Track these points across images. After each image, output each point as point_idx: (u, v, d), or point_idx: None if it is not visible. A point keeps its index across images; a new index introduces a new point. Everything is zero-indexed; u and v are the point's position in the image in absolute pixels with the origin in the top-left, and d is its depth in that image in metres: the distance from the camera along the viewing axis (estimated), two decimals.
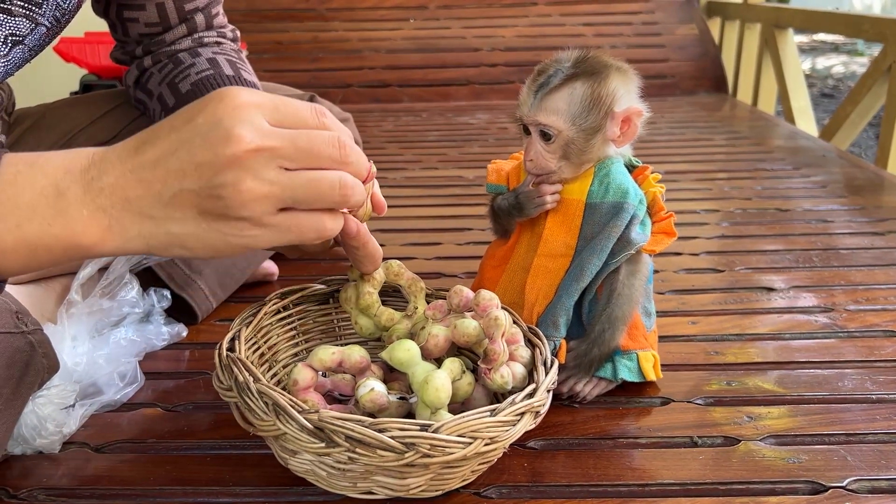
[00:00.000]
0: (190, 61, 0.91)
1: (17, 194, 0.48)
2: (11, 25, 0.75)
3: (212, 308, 0.97)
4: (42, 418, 0.68)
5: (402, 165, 1.83)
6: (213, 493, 0.64)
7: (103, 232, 0.49)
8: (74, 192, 0.49)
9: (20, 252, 0.48)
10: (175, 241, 0.50)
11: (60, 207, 0.48)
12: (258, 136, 0.49)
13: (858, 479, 0.65)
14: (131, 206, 0.49)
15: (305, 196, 0.51)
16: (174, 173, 0.49)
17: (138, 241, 0.50)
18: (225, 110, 0.49)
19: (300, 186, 0.50)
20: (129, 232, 0.50)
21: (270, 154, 0.49)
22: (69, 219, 0.48)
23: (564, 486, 0.65)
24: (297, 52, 2.87)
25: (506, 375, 0.64)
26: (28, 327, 0.64)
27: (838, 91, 5.41)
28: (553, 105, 0.71)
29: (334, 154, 0.52)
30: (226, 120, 0.48)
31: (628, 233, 0.72)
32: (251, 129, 0.49)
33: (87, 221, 0.49)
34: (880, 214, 1.40)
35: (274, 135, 0.49)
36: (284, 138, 0.50)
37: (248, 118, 0.49)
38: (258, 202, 0.49)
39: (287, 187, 0.50)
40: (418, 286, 0.73)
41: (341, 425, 0.54)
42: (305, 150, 0.50)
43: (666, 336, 0.90)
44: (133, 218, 0.49)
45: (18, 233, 0.48)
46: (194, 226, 0.49)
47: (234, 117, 0.49)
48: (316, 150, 0.51)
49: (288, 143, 0.50)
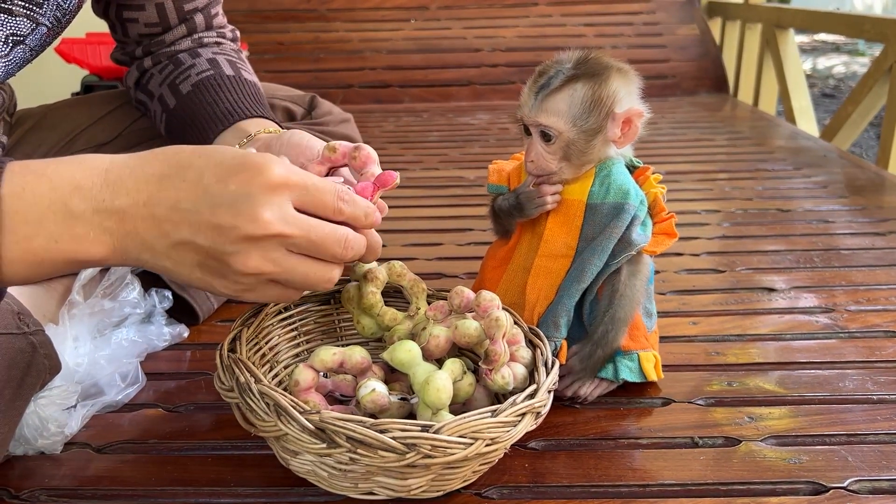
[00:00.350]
0: (190, 62, 0.91)
1: (25, 208, 0.49)
2: (12, 25, 0.75)
3: (213, 309, 0.97)
4: (44, 419, 0.68)
5: (403, 166, 1.83)
6: (215, 494, 0.64)
7: (106, 252, 0.52)
8: (83, 210, 0.50)
9: (25, 263, 0.50)
10: (168, 274, 0.55)
11: (68, 225, 0.50)
12: (280, 224, 0.52)
13: (859, 480, 0.65)
14: (137, 237, 0.52)
15: (296, 283, 0.56)
16: (189, 225, 0.51)
17: (139, 263, 0.54)
18: (259, 187, 0.52)
19: (296, 276, 0.55)
20: (129, 256, 0.52)
21: (284, 240, 0.53)
22: (75, 236, 0.50)
23: (565, 486, 0.65)
24: (298, 53, 2.87)
25: (507, 376, 0.64)
26: (30, 328, 0.64)
27: (839, 91, 5.40)
28: (554, 106, 0.71)
29: (338, 253, 0.56)
30: (257, 197, 0.51)
31: (629, 234, 0.72)
32: (278, 215, 0.52)
33: (93, 241, 0.51)
34: (881, 215, 1.40)
35: (294, 224, 0.53)
36: (302, 229, 0.53)
37: (277, 202, 0.52)
38: (256, 276, 0.53)
39: (286, 272, 0.54)
40: (420, 287, 0.74)
41: (342, 426, 0.54)
42: (315, 244, 0.54)
43: (667, 336, 0.90)
44: (136, 246, 0.52)
45: (25, 245, 0.49)
46: (189, 272, 0.53)
47: (265, 198, 0.52)
48: (323, 247, 0.55)
49: (304, 234, 0.54)
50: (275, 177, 0.52)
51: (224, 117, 0.85)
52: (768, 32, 2.75)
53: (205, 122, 0.85)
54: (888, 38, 1.99)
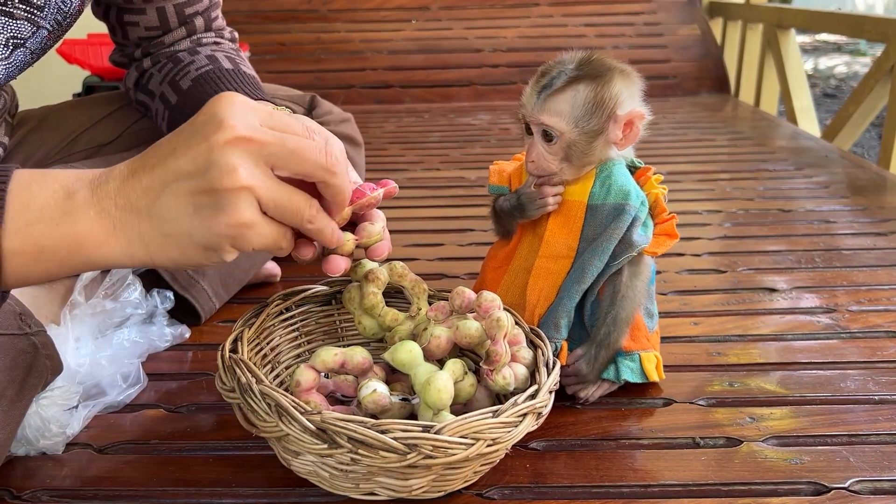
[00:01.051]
0: (189, 59, 0.92)
1: (29, 198, 0.49)
2: (13, 28, 0.76)
3: (214, 309, 0.97)
4: (45, 419, 0.68)
5: (404, 166, 1.83)
6: (216, 494, 0.64)
7: (107, 234, 0.50)
8: (83, 194, 0.50)
9: (27, 254, 0.49)
10: (169, 241, 0.51)
11: (68, 208, 0.50)
12: (249, 129, 0.50)
13: (861, 480, 0.65)
14: (132, 207, 0.51)
15: (283, 205, 0.52)
16: (172, 171, 0.50)
17: (139, 245, 0.51)
18: (221, 106, 0.51)
19: (283, 193, 0.52)
20: (130, 233, 0.51)
21: (260, 147, 0.50)
22: (75, 218, 0.50)
23: (566, 486, 0.65)
24: (299, 54, 2.88)
25: (508, 376, 0.64)
26: (31, 329, 0.64)
27: (841, 91, 5.40)
28: (556, 107, 0.71)
29: (321, 160, 0.53)
30: (220, 112, 0.51)
31: (630, 235, 0.72)
32: (243, 121, 0.50)
33: (93, 222, 0.50)
34: (883, 215, 1.40)
35: (265, 131, 0.51)
36: (275, 136, 0.51)
37: (241, 113, 0.51)
38: (248, 192, 0.50)
39: (272, 189, 0.51)
40: (421, 287, 0.74)
41: (344, 426, 0.54)
42: (293, 151, 0.52)
43: (668, 337, 0.90)
44: (133, 219, 0.51)
45: (26, 232, 0.49)
46: (188, 223, 0.50)
47: (229, 111, 0.51)
48: (303, 153, 0.52)
49: (278, 141, 0.51)
50: (237, 98, 0.52)
51: None
52: (769, 32, 2.75)
53: None
54: (889, 39, 1.99)
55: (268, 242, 0.53)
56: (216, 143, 0.49)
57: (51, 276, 0.52)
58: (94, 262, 0.52)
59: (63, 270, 0.52)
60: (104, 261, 0.52)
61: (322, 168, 0.53)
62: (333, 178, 0.54)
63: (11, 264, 0.49)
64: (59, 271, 0.52)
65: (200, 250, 0.52)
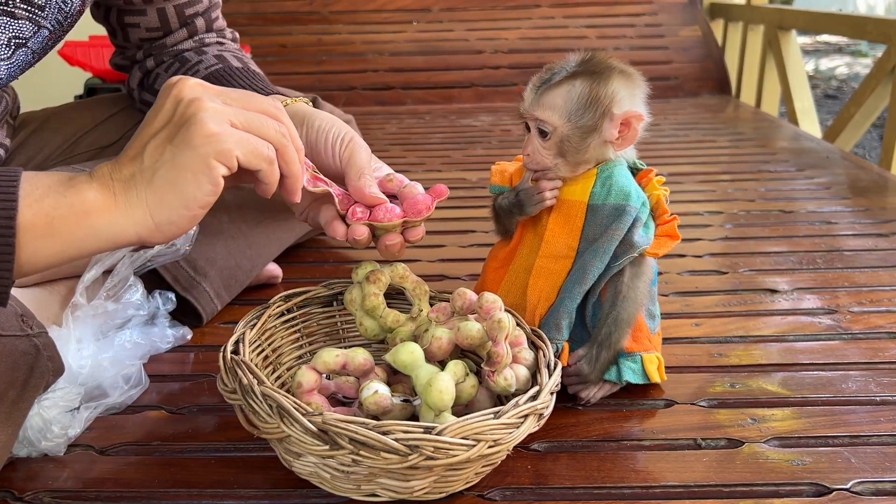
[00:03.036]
0: (196, 59, 0.92)
1: (37, 180, 0.54)
2: (15, 28, 0.76)
3: (216, 310, 0.97)
4: (47, 421, 0.68)
5: (406, 168, 1.83)
6: (218, 496, 0.64)
7: (110, 201, 0.54)
8: (83, 176, 0.55)
9: (38, 226, 0.52)
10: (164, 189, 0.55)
11: (72, 184, 0.54)
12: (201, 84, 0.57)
13: (863, 482, 0.65)
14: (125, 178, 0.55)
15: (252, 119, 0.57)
16: (147, 133, 0.56)
17: (139, 206, 0.55)
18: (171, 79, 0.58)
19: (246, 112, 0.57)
20: (130, 197, 0.54)
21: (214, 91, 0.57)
22: (80, 190, 0.54)
23: (568, 488, 0.65)
24: (300, 55, 2.88)
25: (509, 378, 0.64)
26: (33, 330, 0.65)
27: (842, 92, 5.40)
28: (551, 101, 0.71)
29: (267, 103, 0.59)
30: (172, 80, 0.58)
31: (631, 236, 0.72)
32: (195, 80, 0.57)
33: (96, 193, 0.54)
34: (884, 216, 1.40)
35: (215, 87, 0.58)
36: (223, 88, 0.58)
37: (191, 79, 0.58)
38: (214, 110, 0.55)
39: (238, 112, 0.57)
40: (422, 289, 0.74)
41: (345, 428, 0.54)
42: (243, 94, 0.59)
43: (670, 338, 0.90)
44: (128, 185, 0.55)
45: (37, 206, 0.52)
46: (171, 155, 0.55)
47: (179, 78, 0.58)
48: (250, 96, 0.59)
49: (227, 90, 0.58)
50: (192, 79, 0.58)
51: None
52: (770, 34, 2.75)
53: None
54: (891, 39, 1.99)
55: (248, 148, 0.56)
56: (177, 91, 0.56)
57: (62, 255, 0.54)
58: (101, 232, 0.54)
59: (72, 246, 0.54)
60: (110, 230, 0.54)
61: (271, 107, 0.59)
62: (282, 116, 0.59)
63: (25, 239, 0.51)
64: (68, 247, 0.54)
65: (190, 177, 0.54)
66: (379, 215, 0.67)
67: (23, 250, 0.52)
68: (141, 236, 0.55)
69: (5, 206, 0.51)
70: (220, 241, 0.97)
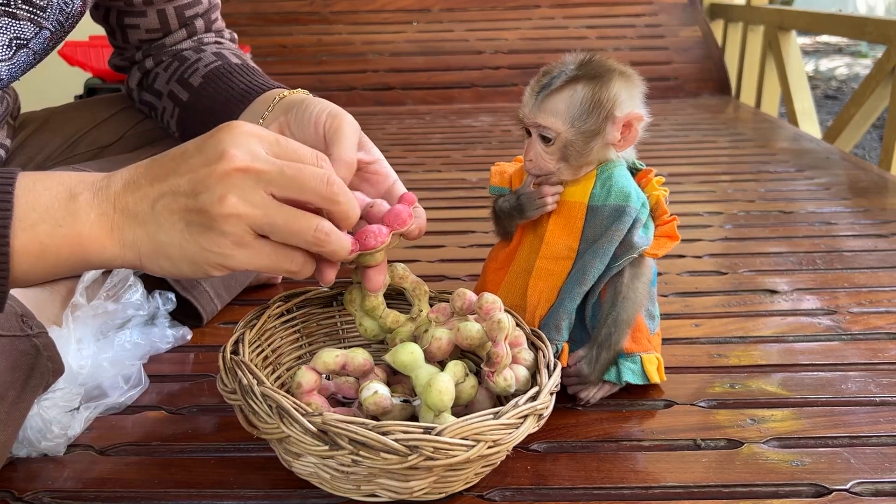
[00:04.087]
0: (195, 57, 0.92)
1: (34, 199, 0.52)
2: (16, 29, 0.76)
3: (216, 310, 0.97)
4: (47, 421, 0.68)
5: (406, 168, 1.83)
6: (218, 496, 0.64)
7: (105, 236, 0.53)
8: (85, 196, 0.53)
9: (30, 253, 0.51)
10: (161, 250, 0.53)
11: (71, 210, 0.52)
12: (249, 158, 0.52)
13: (862, 482, 0.65)
14: (129, 211, 0.53)
15: (283, 227, 0.53)
16: (170, 184, 0.53)
17: (132, 250, 0.53)
18: (227, 134, 0.53)
19: (280, 216, 0.53)
20: (126, 237, 0.53)
21: (257, 176, 0.52)
22: (77, 220, 0.52)
23: (568, 488, 0.65)
24: (300, 56, 2.88)
25: (509, 378, 0.64)
26: (33, 330, 0.65)
27: (842, 93, 5.40)
28: (553, 106, 0.71)
29: (321, 189, 0.54)
30: (225, 141, 0.53)
31: (631, 236, 0.72)
32: (245, 151, 0.52)
33: (93, 224, 0.52)
34: (884, 216, 1.40)
35: (264, 160, 0.53)
36: (274, 164, 0.53)
37: (245, 143, 0.53)
38: (238, 219, 0.52)
39: (268, 214, 0.52)
40: (422, 289, 0.74)
41: (345, 428, 0.54)
42: (292, 179, 0.53)
43: (669, 338, 0.90)
44: (129, 223, 0.53)
45: (31, 232, 0.51)
46: (179, 236, 0.53)
47: (233, 140, 0.53)
48: (302, 180, 0.53)
49: (276, 169, 0.53)
50: (245, 128, 0.54)
51: (241, 98, 0.84)
52: (770, 34, 2.75)
53: (222, 108, 0.85)
54: (891, 40, 1.99)
55: (265, 264, 0.54)
56: (215, 171, 0.51)
57: (52, 275, 0.54)
58: (93, 263, 0.54)
59: (63, 269, 0.54)
60: (101, 261, 0.54)
61: (321, 196, 0.54)
62: (335, 206, 0.55)
63: (14, 263, 0.51)
64: (60, 270, 0.54)
65: (189, 263, 0.53)
66: (369, 243, 0.62)
67: (15, 270, 0.51)
68: (129, 267, 0.56)
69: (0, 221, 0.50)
70: None
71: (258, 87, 0.84)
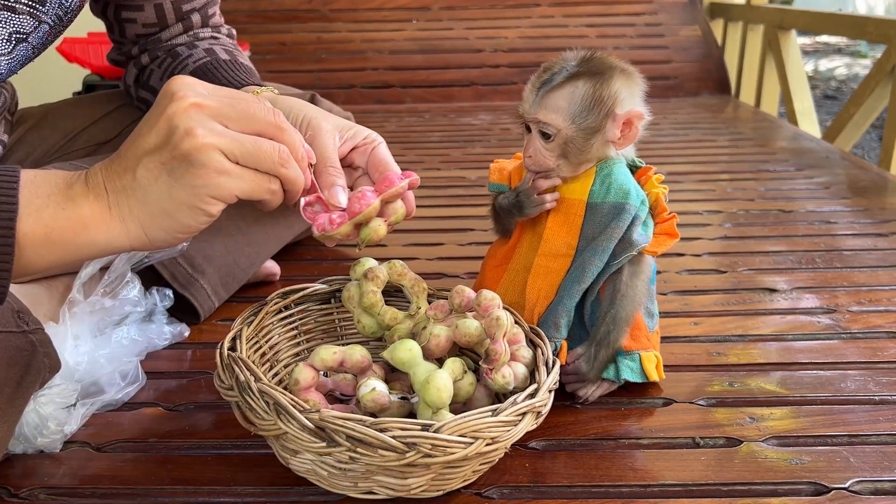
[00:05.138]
0: (187, 53, 0.92)
1: (37, 187, 0.54)
2: (15, 23, 0.76)
3: (214, 307, 0.97)
4: (43, 417, 0.68)
5: (405, 166, 1.81)
6: (215, 493, 0.64)
7: (105, 213, 0.55)
8: (79, 184, 0.55)
9: (37, 236, 0.53)
10: (157, 210, 0.55)
11: (70, 195, 0.54)
12: (198, 97, 0.55)
13: (861, 481, 0.65)
14: (118, 188, 0.55)
15: (251, 151, 0.55)
16: (141, 147, 0.55)
17: (132, 221, 0.55)
18: (172, 84, 0.56)
19: (244, 142, 0.55)
20: (123, 211, 0.55)
21: (211, 111, 0.55)
22: (77, 203, 0.54)
23: (566, 486, 0.65)
24: (300, 53, 2.88)
25: (507, 375, 0.64)
26: (29, 326, 0.64)
27: (841, 93, 5.40)
28: (553, 103, 0.71)
29: (269, 118, 0.57)
30: (171, 88, 0.56)
31: (630, 234, 0.72)
32: (193, 91, 0.55)
33: (93, 205, 0.55)
34: (883, 216, 1.40)
35: (212, 97, 0.56)
36: (222, 101, 0.56)
37: (190, 85, 0.56)
38: (210, 147, 0.54)
39: (233, 140, 0.55)
40: (421, 286, 0.73)
41: (342, 425, 0.54)
42: (243, 112, 0.56)
43: (668, 337, 0.90)
44: (123, 198, 0.55)
45: (36, 216, 0.53)
46: (166, 186, 0.54)
47: (179, 85, 0.56)
48: (252, 113, 0.56)
49: (226, 104, 0.56)
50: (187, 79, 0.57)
51: None
52: (770, 34, 2.75)
53: None
54: (891, 40, 1.99)
55: (248, 188, 0.56)
56: (173, 113, 0.54)
57: (59, 261, 0.55)
58: (98, 243, 0.55)
59: (70, 254, 0.55)
60: (107, 242, 0.55)
61: (272, 125, 0.57)
62: (283, 133, 0.57)
63: (24, 246, 0.52)
64: (67, 255, 0.55)
65: (185, 210, 0.55)
66: (354, 207, 0.63)
67: (21, 256, 0.53)
68: (135, 247, 0.57)
69: (5, 209, 0.52)
70: (219, 239, 0.96)
71: (238, 82, 0.86)
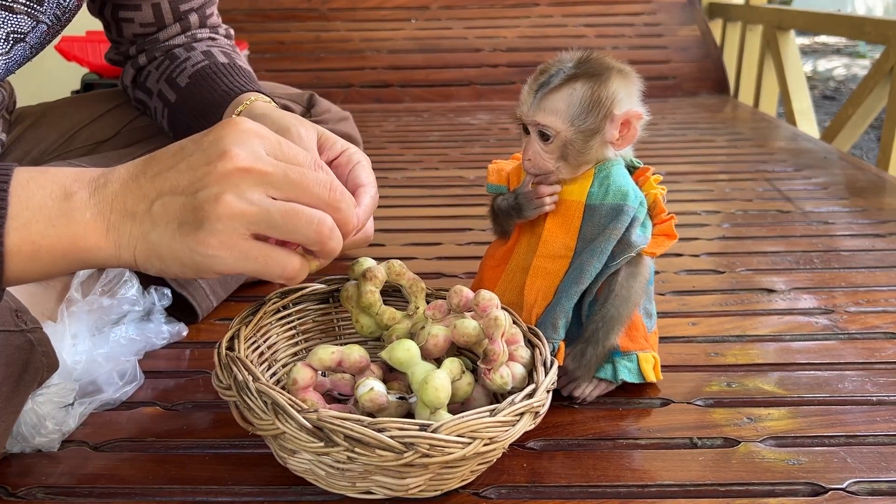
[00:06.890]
0: (185, 55, 0.92)
1: (28, 197, 0.50)
2: (13, 23, 0.75)
3: (212, 307, 0.97)
4: (41, 416, 0.68)
5: (403, 165, 1.83)
6: (212, 493, 0.64)
7: (100, 237, 0.51)
8: (81, 196, 0.51)
9: (24, 252, 0.49)
10: (153, 249, 0.51)
11: (65, 209, 0.50)
12: (252, 158, 0.50)
13: (858, 481, 0.65)
14: (127, 211, 0.51)
15: (282, 225, 0.51)
16: (169, 183, 0.51)
17: (127, 251, 0.52)
18: (229, 132, 0.52)
19: (278, 214, 0.51)
20: (122, 237, 0.51)
21: (259, 177, 0.50)
22: (72, 220, 0.50)
23: (564, 486, 0.65)
24: (299, 52, 2.87)
25: (505, 376, 0.64)
26: (27, 325, 0.64)
27: (840, 93, 5.41)
28: (552, 105, 0.71)
29: (323, 194, 0.52)
30: (226, 139, 0.51)
31: (628, 235, 0.72)
32: (248, 150, 0.51)
33: (88, 224, 0.50)
34: (881, 216, 1.40)
35: (268, 161, 0.51)
36: (277, 167, 0.51)
37: (247, 141, 0.51)
38: (233, 218, 0.50)
39: (265, 211, 0.50)
40: (419, 286, 0.73)
41: (340, 425, 0.54)
42: (295, 183, 0.51)
43: (666, 337, 0.90)
44: (126, 223, 0.51)
45: (24, 231, 0.49)
46: (169, 235, 0.51)
47: (235, 139, 0.51)
48: (305, 185, 0.52)
49: (280, 171, 0.51)
50: (246, 126, 0.52)
51: (222, 99, 0.85)
52: (769, 34, 2.75)
53: (206, 109, 0.85)
54: (889, 40, 1.99)
55: (251, 268, 0.52)
56: (215, 170, 0.50)
57: (47, 275, 0.52)
58: (87, 262, 0.52)
59: (57, 269, 0.52)
60: (96, 262, 0.52)
61: (324, 202, 0.52)
62: (337, 213, 0.53)
63: (8, 263, 0.49)
64: (54, 270, 0.52)
65: (179, 265, 0.52)
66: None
67: (8, 270, 0.50)
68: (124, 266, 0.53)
69: None
70: None
71: (237, 88, 0.85)
